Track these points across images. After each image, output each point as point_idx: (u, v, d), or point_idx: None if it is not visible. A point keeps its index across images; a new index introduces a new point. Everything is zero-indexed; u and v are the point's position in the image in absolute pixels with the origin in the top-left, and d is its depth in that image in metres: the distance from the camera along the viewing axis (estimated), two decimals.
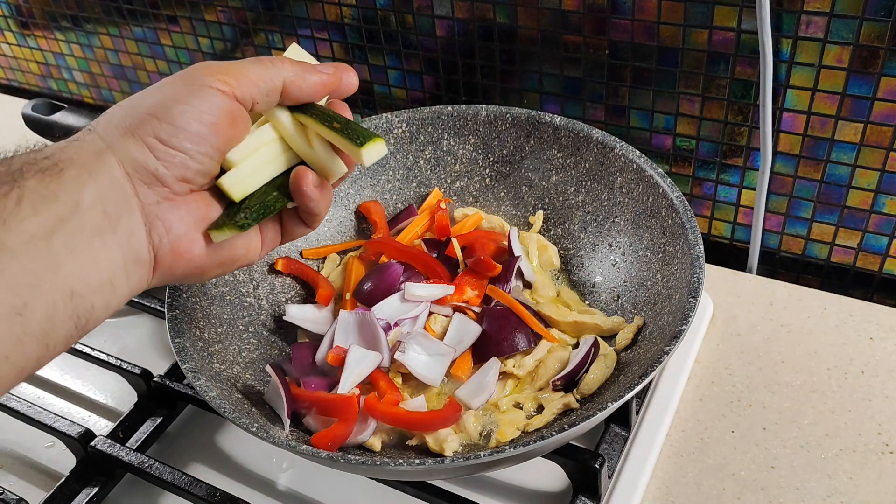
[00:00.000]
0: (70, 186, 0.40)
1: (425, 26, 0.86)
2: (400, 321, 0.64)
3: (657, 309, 0.62)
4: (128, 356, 0.72)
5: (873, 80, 0.68)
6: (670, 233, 0.63)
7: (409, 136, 0.76)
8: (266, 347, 0.67)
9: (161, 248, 0.45)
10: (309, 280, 0.72)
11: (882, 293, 0.80)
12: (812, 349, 0.71)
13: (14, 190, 0.38)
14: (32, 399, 0.74)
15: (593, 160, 0.70)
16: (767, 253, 0.83)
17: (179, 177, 0.45)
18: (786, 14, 0.68)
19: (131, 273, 0.43)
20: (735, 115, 0.76)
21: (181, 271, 0.47)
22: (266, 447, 0.66)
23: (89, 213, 0.41)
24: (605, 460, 0.59)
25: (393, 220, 0.76)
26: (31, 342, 0.38)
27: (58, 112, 0.80)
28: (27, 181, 0.39)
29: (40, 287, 0.38)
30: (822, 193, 0.76)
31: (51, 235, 0.39)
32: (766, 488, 0.61)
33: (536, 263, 0.71)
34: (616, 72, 0.79)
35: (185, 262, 0.46)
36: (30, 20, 1.18)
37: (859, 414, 0.66)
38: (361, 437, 0.59)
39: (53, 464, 0.70)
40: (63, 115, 0.80)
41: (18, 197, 0.38)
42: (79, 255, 0.40)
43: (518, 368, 0.63)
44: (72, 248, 0.40)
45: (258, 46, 0.99)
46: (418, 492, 0.61)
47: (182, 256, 0.46)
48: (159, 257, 0.45)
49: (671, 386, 0.68)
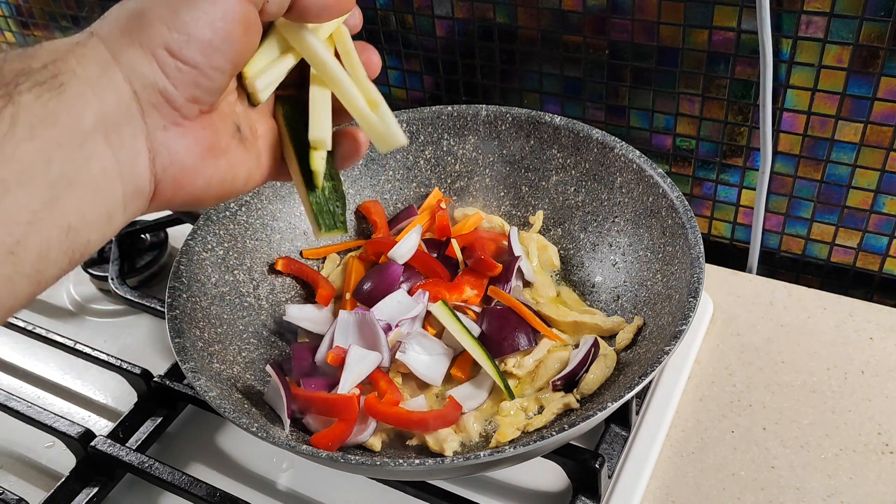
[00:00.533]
0: (72, 107, 0.36)
1: (425, 26, 0.86)
2: (400, 321, 0.64)
3: (657, 309, 0.62)
4: (128, 356, 0.72)
5: (873, 80, 0.68)
6: (670, 233, 0.63)
7: (409, 136, 0.76)
8: (266, 347, 0.67)
9: (164, 179, 0.41)
10: (309, 280, 0.72)
11: (882, 293, 0.80)
12: (812, 349, 0.71)
13: (8, 107, 0.34)
14: (32, 399, 0.74)
15: (593, 160, 0.70)
16: (767, 253, 0.83)
17: (189, 97, 0.41)
18: (786, 14, 0.68)
19: (129, 204, 0.40)
20: (735, 115, 0.76)
21: (179, 202, 0.43)
22: (266, 447, 0.66)
23: (91, 140, 0.37)
24: (605, 460, 0.59)
25: (393, 220, 0.76)
26: (22, 281, 0.35)
27: None
28: (22, 96, 0.34)
29: (35, 224, 0.35)
30: (822, 193, 0.76)
31: (48, 165, 0.35)
32: (766, 488, 0.61)
33: (536, 263, 0.71)
34: (616, 72, 0.79)
35: (185, 194, 0.43)
36: (30, 20, 1.18)
37: (859, 414, 0.66)
38: (361, 438, 0.59)
39: (53, 464, 0.69)
40: None
41: (13, 116, 0.34)
42: (78, 189, 0.36)
43: (518, 368, 0.63)
44: (70, 179, 0.36)
45: None
46: (418, 492, 0.61)
47: (184, 189, 0.42)
48: (160, 189, 0.41)
49: (671, 386, 0.68)
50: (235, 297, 0.67)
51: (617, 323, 0.65)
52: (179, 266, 0.63)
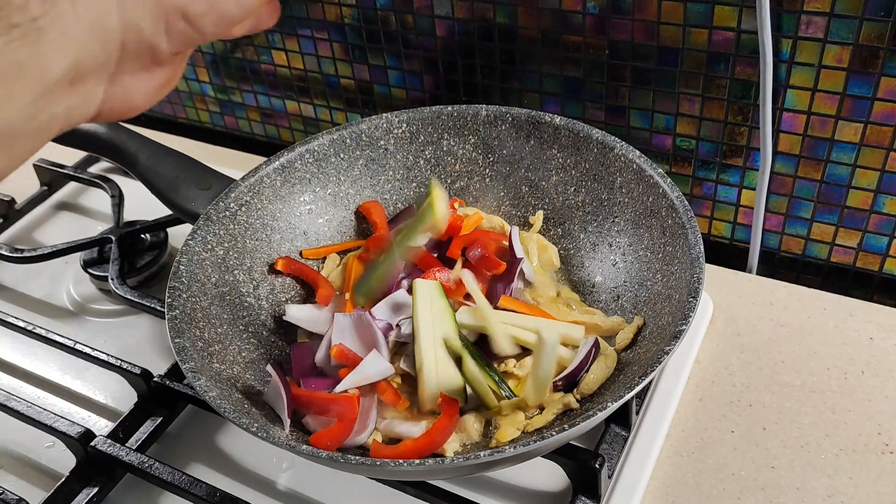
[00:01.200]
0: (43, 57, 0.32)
1: (425, 26, 0.86)
2: (400, 321, 0.64)
3: (657, 309, 0.62)
4: (128, 356, 0.72)
5: (873, 80, 0.68)
6: (670, 233, 0.63)
7: (409, 136, 0.76)
8: (266, 347, 0.67)
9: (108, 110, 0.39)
10: (309, 280, 0.72)
11: (882, 293, 0.80)
12: (812, 349, 0.71)
13: None
14: (32, 399, 0.74)
15: (593, 160, 0.70)
16: (767, 253, 0.83)
17: (176, 51, 0.39)
18: (786, 14, 0.68)
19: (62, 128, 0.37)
20: (735, 115, 0.76)
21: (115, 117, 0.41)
22: (266, 447, 0.66)
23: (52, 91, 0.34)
24: (605, 460, 0.59)
25: (393, 220, 0.76)
26: None
27: None
28: None
29: None
30: (822, 193, 0.76)
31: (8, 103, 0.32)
32: (766, 488, 0.61)
33: (536, 263, 0.71)
34: (616, 72, 0.79)
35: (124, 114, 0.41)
36: None
37: (859, 414, 0.66)
38: (360, 439, 0.59)
39: (53, 464, 0.69)
40: None
41: None
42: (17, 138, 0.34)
43: (518, 368, 0.63)
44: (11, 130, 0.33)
45: (258, 46, 0.99)
46: (418, 492, 0.61)
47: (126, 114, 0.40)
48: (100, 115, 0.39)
49: (671, 386, 0.68)
50: (235, 297, 0.67)
51: (617, 323, 0.65)
52: (179, 266, 0.63)
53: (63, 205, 1.01)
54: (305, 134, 1.06)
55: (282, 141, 1.10)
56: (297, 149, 0.73)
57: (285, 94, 1.03)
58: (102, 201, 0.97)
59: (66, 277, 0.89)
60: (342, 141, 0.75)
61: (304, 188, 0.74)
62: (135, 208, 0.91)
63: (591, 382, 0.60)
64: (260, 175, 0.71)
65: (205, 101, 1.11)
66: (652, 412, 0.66)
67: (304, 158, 0.74)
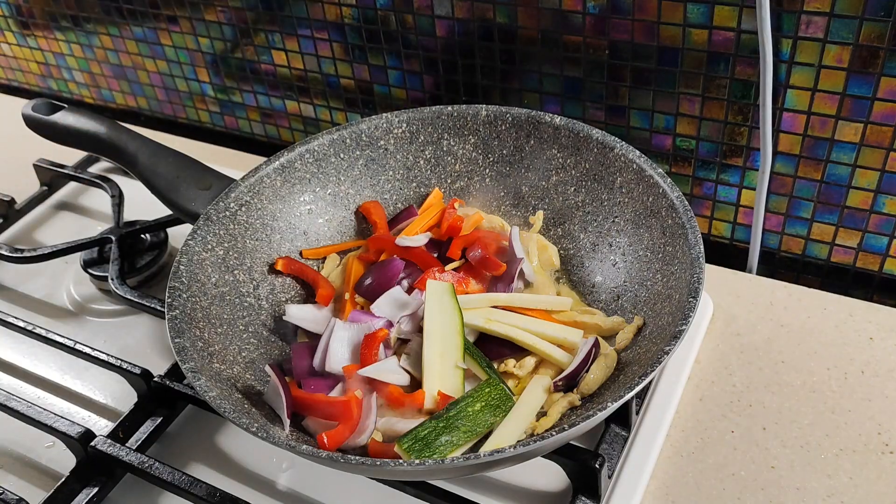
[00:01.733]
0: None
1: (425, 26, 0.86)
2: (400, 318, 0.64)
3: (657, 309, 0.62)
4: (128, 356, 0.72)
5: (873, 80, 0.68)
6: (670, 233, 0.63)
7: (409, 136, 0.76)
8: (266, 347, 0.67)
9: None
10: (309, 280, 0.72)
11: (882, 293, 0.80)
12: (812, 349, 0.71)
13: None
14: (32, 399, 0.74)
15: (593, 160, 0.70)
16: (767, 253, 0.83)
17: None
18: (786, 14, 0.68)
19: None
20: (735, 115, 0.76)
21: None
22: (266, 447, 0.66)
23: None
24: (605, 460, 0.59)
25: (393, 220, 0.76)
26: None
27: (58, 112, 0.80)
28: None
29: None
30: (822, 193, 0.76)
31: None
32: (766, 488, 0.61)
33: (536, 263, 0.71)
34: (616, 72, 0.79)
35: None
36: (30, 20, 1.18)
37: (859, 414, 0.66)
38: (361, 439, 0.59)
39: (53, 464, 0.69)
40: (63, 116, 0.80)
41: None
42: None
43: (519, 368, 0.63)
44: None
45: (258, 46, 0.99)
46: (418, 492, 0.61)
47: None
48: None
49: (671, 386, 0.68)
50: (235, 297, 0.67)
51: (617, 323, 0.65)
52: (179, 266, 0.63)
53: (63, 205, 1.01)
54: (305, 134, 1.06)
55: (282, 141, 1.10)
56: (297, 149, 0.73)
57: (285, 94, 1.03)
58: (102, 201, 0.97)
59: (66, 277, 0.89)
60: (342, 141, 0.75)
61: (304, 188, 0.74)
62: (135, 208, 0.91)
63: (592, 382, 0.60)
64: (260, 175, 0.71)
65: (205, 101, 1.11)
66: (652, 412, 0.66)
67: (304, 158, 0.74)
